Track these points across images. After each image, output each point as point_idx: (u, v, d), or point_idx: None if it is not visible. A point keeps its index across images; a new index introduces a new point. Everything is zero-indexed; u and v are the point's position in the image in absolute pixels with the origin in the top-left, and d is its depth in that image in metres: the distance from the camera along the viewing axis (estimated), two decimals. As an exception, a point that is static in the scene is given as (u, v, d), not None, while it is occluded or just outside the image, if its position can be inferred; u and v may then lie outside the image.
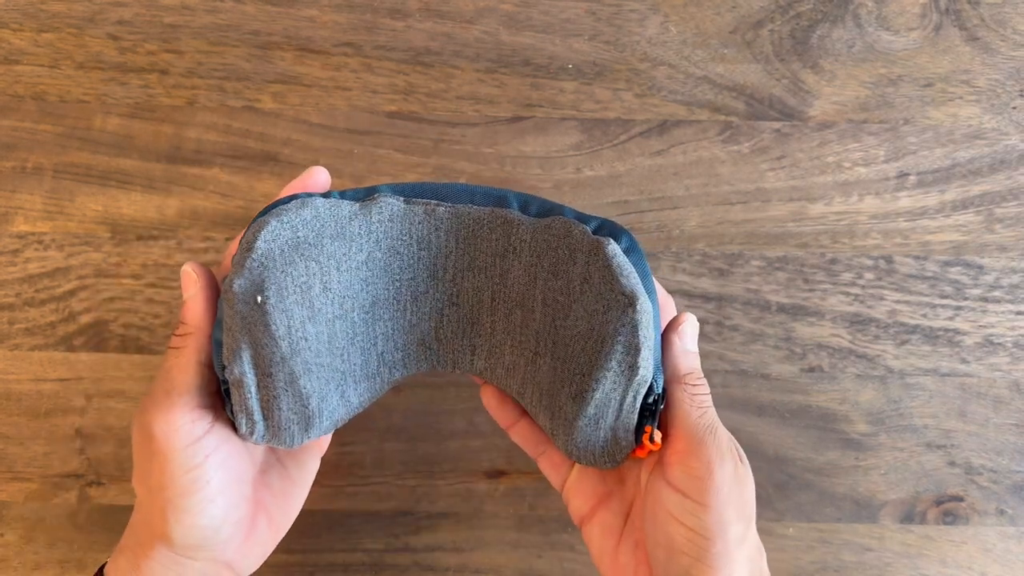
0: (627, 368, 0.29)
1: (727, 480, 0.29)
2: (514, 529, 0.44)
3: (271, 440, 0.31)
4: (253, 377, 0.29)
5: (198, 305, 0.31)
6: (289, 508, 0.34)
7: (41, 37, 0.46)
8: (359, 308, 0.32)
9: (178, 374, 0.30)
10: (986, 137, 0.46)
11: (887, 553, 0.44)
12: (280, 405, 0.30)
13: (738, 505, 0.29)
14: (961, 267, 0.46)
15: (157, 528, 0.30)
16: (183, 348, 0.30)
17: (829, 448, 0.45)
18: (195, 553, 0.30)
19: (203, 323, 0.31)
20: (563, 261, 0.31)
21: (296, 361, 0.30)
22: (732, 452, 0.30)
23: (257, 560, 0.33)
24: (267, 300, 0.29)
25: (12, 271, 0.44)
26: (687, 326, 0.32)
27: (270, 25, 0.46)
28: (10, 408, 0.44)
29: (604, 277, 0.30)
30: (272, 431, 0.31)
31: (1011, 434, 0.45)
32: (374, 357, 0.33)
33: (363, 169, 0.45)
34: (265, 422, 0.30)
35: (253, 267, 0.29)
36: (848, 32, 0.47)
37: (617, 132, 0.46)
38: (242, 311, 0.29)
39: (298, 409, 0.30)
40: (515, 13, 0.47)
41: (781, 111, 0.46)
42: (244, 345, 0.29)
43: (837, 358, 0.45)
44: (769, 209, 0.46)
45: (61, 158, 0.45)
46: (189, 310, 0.31)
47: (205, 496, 0.29)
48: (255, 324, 0.29)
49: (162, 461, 0.29)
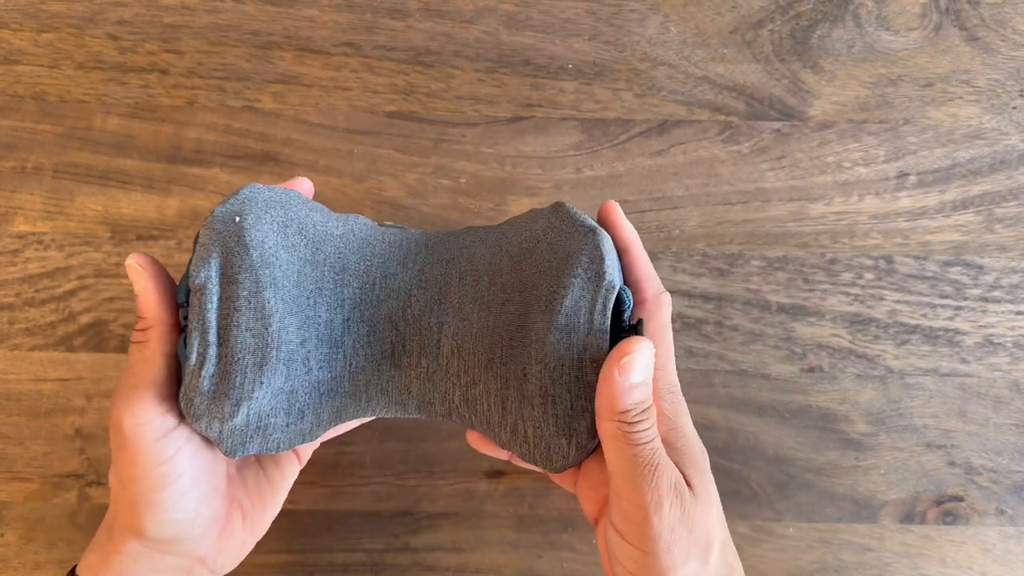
0: (593, 275, 0.30)
1: (667, 523, 0.27)
2: (514, 529, 0.44)
3: (221, 379, 0.29)
4: (217, 284, 0.29)
5: (152, 296, 0.30)
6: (266, 508, 0.34)
7: (41, 37, 0.46)
8: (330, 266, 0.32)
9: (143, 368, 0.29)
10: (986, 137, 0.46)
11: (887, 553, 0.44)
12: (239, 320, 0.29)
13: (686, 544, 0.27)
14: (961, 267, 0.46)
15: (130, 522, 0.30)
16: (146, 342, 0.30)
17: (829, 448, 0.45)
18: (168, 547, 0.30)
19: (162, 314, 0.30)
20: (527, 224, 0.33)
21: (264, 273, 0.29)
22: (671, 492, 0.27)
23: (233, 558, 0.33)
24: (244, 219, 0.30)
25: (12, 271, 0.44)
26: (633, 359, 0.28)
27: (270, 25, 0.46)
28: (10, 408, 0.44)
29: (565, 220, 0.31)
30: (224, 362, 0.29)
31: (1011, 434, 0.45)
32: (339, 321, 0.32)
33: (363, 169, 0.45)
34: (219, 347, 0.29)
35: (235, 200, 0.30)
36: (848, 32, 0.47)
37: (617, 132, 0.46)
38: (218, 228, 0.29)
39: (257, 329, 0.29)
40: (515, 13, 0.47)
41: (781, 111, 0.46)
42: (214, 254, 0.29)
43: (837, 358, 0.45)
44: (769, 209, 0.46)
45: (61, 158, 0.45)
46: (144, 303, 0.30)
47: (177, 489, 0.29)
48: (229, 236, 0.29)
49: (132, 455, 0.29)
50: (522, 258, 0.32)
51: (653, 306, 0.31)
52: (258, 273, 0.29)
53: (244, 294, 0.29)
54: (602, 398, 0.28)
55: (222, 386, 0.29)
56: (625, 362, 0.28)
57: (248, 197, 0.30)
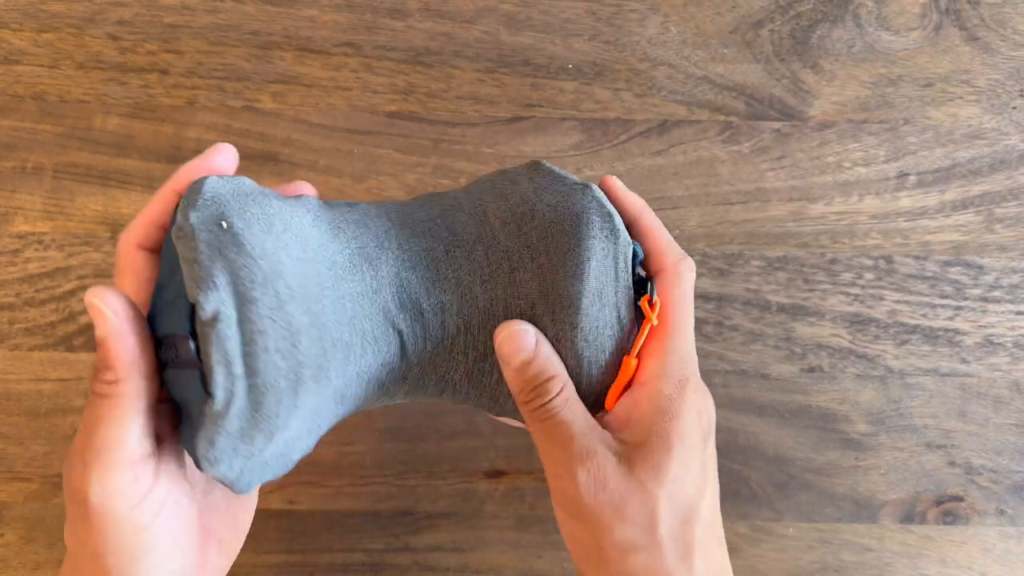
0: (609, 232, 0.29)
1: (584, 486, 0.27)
2: (514, 529, 0.44)
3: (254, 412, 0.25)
4: (232, 308, 0.24)
5: (123, 343, 0.24)
6: (238, 526, 0.31)
7: (41, 37, 0.46)
8: (321, 261, 0.28)
9: (112, 429, 0.24)
10: (986, 137, 0.46)
11: (887, 553, 0.44)
12: (267, 343, 0.24)
13: (613, 507, 0.27)
14: (961, 267, 0.46)
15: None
16: (115, 398, 0.24)
17: (829, 448, 0.45)
18: None
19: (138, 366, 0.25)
20: (507, 187, 0.31)
21: (280, 284, 0.25)
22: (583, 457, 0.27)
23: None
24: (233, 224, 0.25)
25: (12, 271, 0.44)
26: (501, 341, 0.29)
27: (270, 25, 0.46)
28: (10, 408, 0.44)
29: (552, 179, 0.30)
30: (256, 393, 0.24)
31: (1011, 434, 0.45)
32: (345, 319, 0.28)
33: (363, 169, 0.46)
34: (247, 379, 0.24)
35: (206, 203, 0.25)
36: (848, 32, 0.47)
37: (617, 132, 0.46)
38: (207, 238, 0.25)
39: (287, 350, 0.25)
40: (515, 13, 0.47)
41: (781, 111, 0.46)
42: (219, 273, 0.24)
43: (837, 358, 0.45)
44: (769, 209, 0.46)
45: (61, 158, 0.45)
46: (115, 353, 0.24)
47: (159, 555, 0.26)
48: (226, 246, 0.25)
49: (103, 529, 0.24)
50: (521, 223, 0.30)
51: (672, 275, 0.30)
52: (275, 285, 0.25)
53: (265, 312, 0.25)
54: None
55: (254, 420, 0.25)
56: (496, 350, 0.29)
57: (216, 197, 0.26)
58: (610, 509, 0.27)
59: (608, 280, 0.29)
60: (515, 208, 0.30)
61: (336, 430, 0.46)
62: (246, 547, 0.43)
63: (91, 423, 0.25)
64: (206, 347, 0.24)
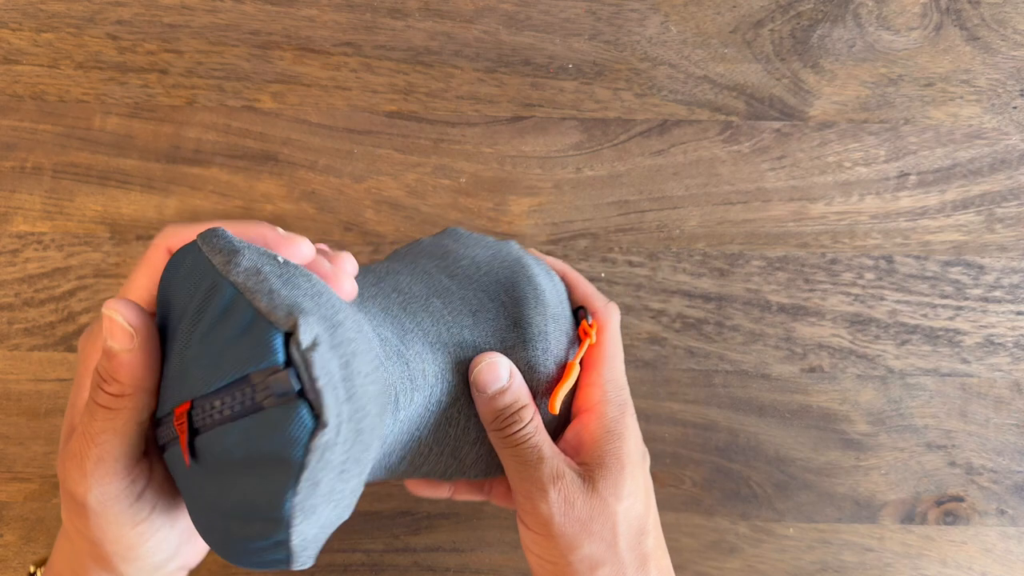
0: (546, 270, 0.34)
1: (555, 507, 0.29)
2: (514, 529, 0.44)
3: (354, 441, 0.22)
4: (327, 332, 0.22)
5: (136, 360, 0.24)
6: None
7: (40, 37, 0.46)
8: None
9: (112, 439, 0.24)
10: (987, 137, 0.46)
11: (887, 553, 0.44)
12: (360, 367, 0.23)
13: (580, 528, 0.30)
14: (962, 267, 0.45)
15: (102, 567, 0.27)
16: (118, 411, 0.24)
17: (829, 448, 0.44)
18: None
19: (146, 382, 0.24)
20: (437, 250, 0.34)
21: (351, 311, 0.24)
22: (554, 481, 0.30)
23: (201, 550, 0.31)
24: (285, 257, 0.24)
25: (11, 271, 0.44)
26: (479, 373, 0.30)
27: (269, 25, 0.46)
28: (9, 408, 0.44)
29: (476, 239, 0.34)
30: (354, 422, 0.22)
31: (1012, 434, 0.45)
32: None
33: (363, 169, 0.45)
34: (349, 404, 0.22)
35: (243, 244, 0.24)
36: (848, 32, 0.47)
37: (617, 132, 0.46)
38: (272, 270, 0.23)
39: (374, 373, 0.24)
40: (515, 12, 0.47)
41: (781, 111, 0.46)
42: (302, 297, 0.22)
43: (837, 358, 0.45)
44: (769, 209, 0.46)
45: (60, 158, 0.45)
46: (125, 366, 0.24)
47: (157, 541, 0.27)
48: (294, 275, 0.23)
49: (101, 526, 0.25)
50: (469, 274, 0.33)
51: (604, 316, 0.34)
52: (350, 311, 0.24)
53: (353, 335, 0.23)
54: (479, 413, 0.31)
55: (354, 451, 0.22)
56: (473, 378, 0.30)
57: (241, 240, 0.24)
58: (578, 527, 0.30)
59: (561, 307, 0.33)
60: (457, 263, 0.33)
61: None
62: (246, 547, 0.43)
63: (90, 432, 0.25)
64: (309, 373, 0.21)
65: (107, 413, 0.24)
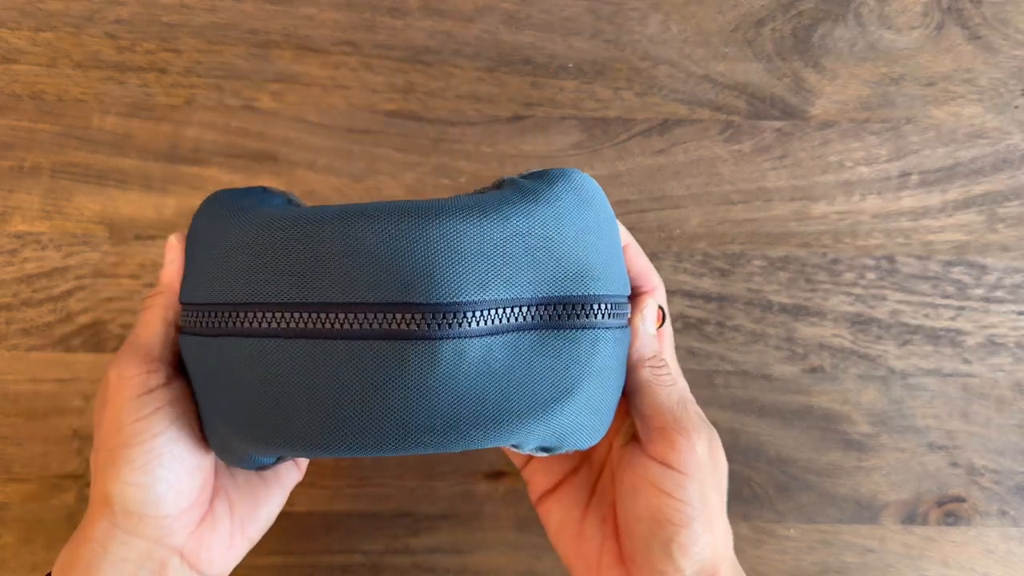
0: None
1: (704, 452, 0.30)
2: (514, 531, 0.43)
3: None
4: None
5: (175, 269, 0.31)
6: (258, 506, 0.32)
7: (39, 36, 0.46)
8: None
9: (142, 330, 0.30)
10: (988, 136, 0.46)
11: (889, 554, 0.44)
12: None
13: (715, 476, 0.30)
14: (963, 267, 0.45)
15: (100, 490, 0.28)
16: (152, 307, 0.31)
17: (831, 449, 0.44)
18: (137, 526, 0.28)
19: (175, 284, 0.31)
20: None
21: None
22: (706, 425, 0.31)
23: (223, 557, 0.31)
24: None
25: (9, 271, 0.44)
26: (648, 310, 0.32)
27: (268, 24, 0.46)
28: (7, 409, 0.43)
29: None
30: None
31: (1013, 435, 0.44)
32: None
33: (362, 168, 0.45)
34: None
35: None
36: (850, 31, 0.47)
37: (618, 131, 0.46)
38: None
39: None
40: (515, 11, 0.46)
41: (783, 110, 0.46)
42: None
43: (839, 358, 0.45)
44: (771, 209, 0.45)
45: (59, 157, 0.45)
46: (166, 273, 0.31)
47: (150, 448, 0.28)
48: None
49: (112, 410, 0.28)
50: None
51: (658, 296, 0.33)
52: None
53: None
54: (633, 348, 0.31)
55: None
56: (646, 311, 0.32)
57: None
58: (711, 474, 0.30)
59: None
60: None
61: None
62: (245, 549, 0.43)
63: (132, 332, 0.31)
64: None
65: (144, 311, 0.31)
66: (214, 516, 0.30)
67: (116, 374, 0.29)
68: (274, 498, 0.33)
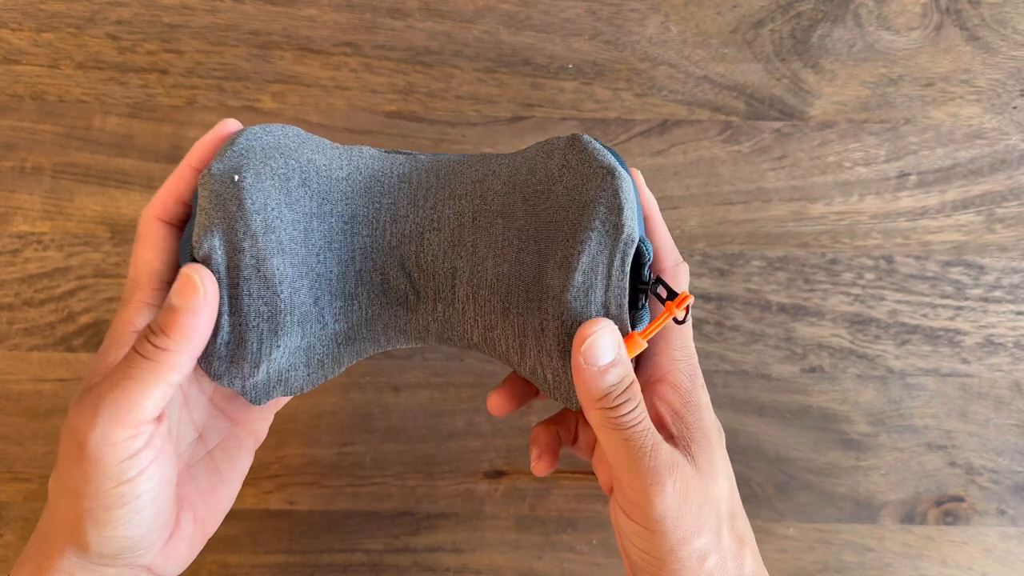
0: (611, 227, 0.28)
1: (670, 502, 0.27)
2: (514, 530, 0.44)
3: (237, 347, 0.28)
4: (222, 253, 0.28)
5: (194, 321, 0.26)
6: (216, 506, 0.31)
7: (40, 37, 0.46)
8: (338, 216, 0.31)
9: (138, 389, 0.25)
10: (987, 137, 0.46)
11: (888, 553, 0.44)
12: (249, 290, 0.28)
13: (694, 520, 0.27)
14: (962, 267, 0.45)
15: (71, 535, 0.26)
16: (155, 363, 0.25)
17: (830, 448, 0.44)
18: (112, 560, 0.27)
19: (192, 344, 0.26)
20: (541, 160, 0.31)
21: (269, 239, 0.28)
22: (670, 471, 0.27)
23: (181, 560, 0.30)
24: (244, 179, 0.28)
25: (11, 271, 0.44)
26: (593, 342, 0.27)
27: (270, 25, 0.46)
28: (9, 408, 0.44)
29: (582, 158, 0.29)
30: (239, 329, 0.28)
31: (1012, 434, 0.45)
32: (352, 273, 0.31)
33: (363, 169, 0.45)
34: (231, 316, 0.28)
35: (232, 155, 0.29)
36: (849, 32, 0.47)
37: (617, 132, 0.46)
38: (217, 190, 0.28)
39: (268, 297, 0.28)
40: (515, 13, 0.47)
41: (781, 111, 0.46)
42: (216, 222, 0.28)
43: (838, 358, 0.45)
44: (770, 209, 0.46)
45: (60, 158, 0.45)
46: (181, 322, 0.26)
47: (133, 508, 0.26)
48: (229, 200, 0.28)
49: (88, 470, 0.25)
50: (537, 201, 0.30)
51: (671, 277, 0.30)
52: (262, 240, 0.28)
53: (251, 263, 0.28)
54: (579, 388, 0.27)
55: (239, 351, 0.28)
56: (585, 348, 0.27)
57: (246, 148, 0.29)
58: (691, 520, 0.27)
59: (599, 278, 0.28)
60: (538, 184, 0.30)
61: (336, 430, 0.46)
62: (246, 547, 0.43)
63: (121, 377, 0.25)
64: None
65: (144, 363, 0.25)
66: (180, 529, 0.30)
67: (97, 438, 0.25)
68: (232, 490, 0.32)
